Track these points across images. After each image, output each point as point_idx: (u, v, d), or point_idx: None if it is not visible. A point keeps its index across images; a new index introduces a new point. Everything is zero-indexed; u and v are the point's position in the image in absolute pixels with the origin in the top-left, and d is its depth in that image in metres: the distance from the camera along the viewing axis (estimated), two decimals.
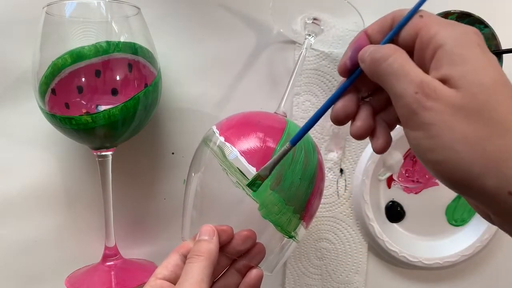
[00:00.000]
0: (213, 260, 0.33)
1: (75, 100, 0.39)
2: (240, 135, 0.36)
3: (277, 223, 0.35)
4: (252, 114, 0.39)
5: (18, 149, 0.48)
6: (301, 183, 0.36)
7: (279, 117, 0.40)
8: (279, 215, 0.35)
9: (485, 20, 0.42)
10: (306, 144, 0.38)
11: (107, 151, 0.43)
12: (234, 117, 0.39)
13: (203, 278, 0.31)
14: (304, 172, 0.36)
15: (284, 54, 0.50)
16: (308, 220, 0.38)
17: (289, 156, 0.35)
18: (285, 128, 0.37)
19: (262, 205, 0.34)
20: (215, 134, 0.37)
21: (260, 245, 0.36)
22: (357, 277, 0.50)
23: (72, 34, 0.39)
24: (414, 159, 0.50)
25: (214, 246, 0.33)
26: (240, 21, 0.50)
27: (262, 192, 0.34)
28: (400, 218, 0.51)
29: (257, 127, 0.37)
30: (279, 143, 0.36)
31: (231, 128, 0.38)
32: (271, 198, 0.34)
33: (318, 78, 0.50)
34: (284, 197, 0.35)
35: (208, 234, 0.34)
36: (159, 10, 0.49)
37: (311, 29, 0.45)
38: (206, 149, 0.38)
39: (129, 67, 0.40)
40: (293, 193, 0.35)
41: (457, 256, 0.49)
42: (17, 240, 0.48)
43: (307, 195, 0.37)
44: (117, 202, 0.46)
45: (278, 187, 0.34)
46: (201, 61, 0.49)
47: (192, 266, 0.32)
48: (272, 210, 0.35)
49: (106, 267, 0.45)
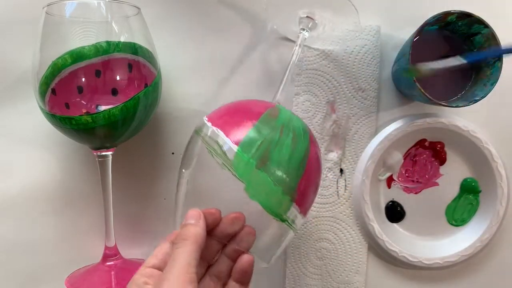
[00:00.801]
0: (200, 243, 0.32)
1: (75, 100, 0.39)
2: (224, 118, 0.37)
3: (266, 204, 0.34)
4: (241, 101, 0.40)
5: (18, 149, 0.48)
6: (289, 163, 0.35)
7: (268, 103, 0.39)
8: (267, 196, 0.34)
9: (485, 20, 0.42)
10: (296, 127, 0.37)
11: (107, 151, 0.43)
12: (223, 106, 0.39)
13: (190, 262, 0.31)
14: (292, 153, 0.35)
15: (284, 53, 0.50)
16: (302, 205, 0.37)
17: (275, 137, 0.35)
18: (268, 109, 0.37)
19: (248, 185, 0.34)
20: (205, 123, 0.37)
21: (248, 227, 0.36)
22: (357, 277, 0.50)
23: (72, 34, 0.39)
24: (414, 159, 0.50)
25: (200, 229, 0.33)
26: (240, 21, 0.50)
27: (248, 172, 0.34)
28: (400, 218, 0.51)
29: (242, 109, 0.37)
30: (259, 119, 0.35)
31: (219, 114, 0.38)
32: (257, 178, 0.34)
33: (318, 78, 0.50)
34: (271, 177, 0.34)
35: (194, 218, 0.33)
36: (159, 10, 0.49)
37: (305, 23, 0.45)
38: (197, 138, 0.38)
39: (129, 67, 0.40)
40: (281, 174, 0.35)
41: (457, 256, 0.49)
42: (17, 240, 0.48)
43: (298, 176, 0.36)
44: (117, 202, 0.46)
45: (265, 167, 0.34)
46: (201, 61, 0.49)
47: (178, 251, 0.31)
48: (259, 190, 0.34)
49: (106, 267, 0.45)
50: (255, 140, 0.34)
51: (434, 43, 0.46)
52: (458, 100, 0.45)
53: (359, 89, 0.50)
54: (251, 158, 0.34)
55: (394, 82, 0.50)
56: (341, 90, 0.50)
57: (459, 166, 0.50)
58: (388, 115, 0.50)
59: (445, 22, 0.44)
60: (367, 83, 0.49)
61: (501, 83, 0.42)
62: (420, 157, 0.50)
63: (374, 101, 0.50)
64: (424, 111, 0.50)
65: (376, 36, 0.49)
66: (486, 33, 0.43)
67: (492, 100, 0.43)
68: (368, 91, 0.50)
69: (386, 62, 0.50)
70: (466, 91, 0.46)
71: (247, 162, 0.34)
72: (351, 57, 0.49)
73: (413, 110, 0.50)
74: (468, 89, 0.46)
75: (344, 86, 0.50)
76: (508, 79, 0.45)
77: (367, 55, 0.49)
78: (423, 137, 0.49)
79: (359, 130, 0.50)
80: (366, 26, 0.49)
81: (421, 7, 0.49)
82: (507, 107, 0.50)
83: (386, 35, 0.50)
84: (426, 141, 0.50)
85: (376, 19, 0.50)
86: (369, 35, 0.49)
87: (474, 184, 0.50)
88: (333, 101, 0.50)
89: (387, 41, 0.50)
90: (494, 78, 0.43)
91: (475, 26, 0.43)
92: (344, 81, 0.50)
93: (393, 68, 0.50)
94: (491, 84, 0.43)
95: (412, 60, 0.42)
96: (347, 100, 0.50)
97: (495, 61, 0.43)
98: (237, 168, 0.34)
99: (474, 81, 0.46)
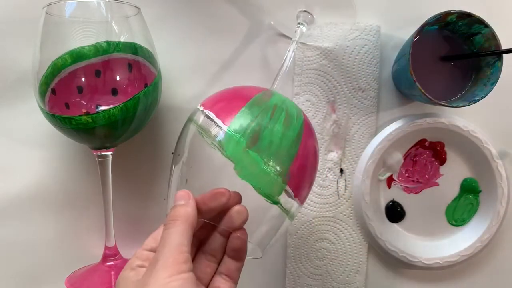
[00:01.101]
0: (191, 222, 0.32)
1: (75, 100, 0.39)
2: (216, 100, 0.36)
3: (256, 184, 0.33)
4: (235, 87, 0.39)
5: (18, 149, 0.48)
6: (281, 144, 0.34)
7: (261, 88, 0.39)
8: (257, 177, 0.33)
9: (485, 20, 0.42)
10: (289, 107, 0.36)
11: (107, 151, 0.43)
12: (217, 92, 0.39)
13: (182, 241, 0.30)
14: (284, 133, 0.35)
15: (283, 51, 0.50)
16: (297, 189, 0.36)
17: (266, 116, 0.34)
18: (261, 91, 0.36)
19: (237, 164, 0.33)
20: (197, 108, 0.37)
21: (239, 206, 0.34)
22: (357, 277, 0.50)
23: (72, 34, 0.39)
24: (414, 159, 0.50)
25: (190, 208, 0.32)
26: (240, 21, 0.50)
27: (237, 151, 0.33)
28: (400, 218, 0.51)
29: (234, 92, 0.37)
30: (249, 101, 0.35)
31: (211, 99, 0.38)
32: (247, 157, 0.33)
33: (318, 78, 0.50)
34: (262, 156, 0.33)
35: (184, 199, 0.33)
36: (159, 10, 0.49)
37: (303, 17, 0.45)
38: (189, 124, 0.37)
39: (129, 67, 0.40)
40: (272, 153, 0.34)
41: (457, 256, 0.49)
42: (17, 240, 0.48)
43: (290, 157, 0.35)
44: (117, 202, 0.46)
45: (255, 147, 0.33)
46: (201, 61, 0.49)
47: (169, 232, 0.31)
48: (250, 170, 0.33)
49: (106, 267, 0.45)
50: (246, 119, 0.34)
51: (434, 43, 0.46)
52: (458, 100, 0.45)
53: (359, 89, 0.50)
54: (241, 137, 0.33)
55: (394, 82, 0.50)
56: (341, 90, 0.50)
57: (459, 166, 0.50)
58: (388, 115, 0.50)
59: (445, 22, 0.44)
60: (367, 83, 0.49)
61: (501, 83, 0.42)
62: (420, 157, 0.50)
63: (374, 101, 0.50)
64: (424, 111, 0.50)
65: (376, 36, 0.49)
66: (486, 33, 0.43)
67: (492, 100, 0.43)
68: (368, 91, 0.50)
69: (386, 62, 0.50)
70: (466, 91, 0.46)
71: (237, 141, 0.33)
72: (351, 57, 0.49)
73: (413, 110, 0.50)
74: (468, 89, 0.46)
75: (344, 86, 0.50)
76: (508, 79, 0.45)
77: (367, 55, 0.49)
78: (423, 137, 0.49)
79: (359, 130, 0.50)
80: (366, 26, 0.49)
81: (421, 7, 0.49)
82: (507, 107, 0.50)
83: (386, 35, 0.50)
84: (426, 141, 0.50)
85: (376, 19, 0.50)
86: (369, 35, 0.49)
87: (474, 184, 0.50)
88: (333, 101, 0.50)
89: (387, 41, 0.50)
90: (494, 78, 0.43)
91: (475, 26, 0.43)
92: (344, 81, 0.50)
93: (393, 68, 0.50)
94: (491, 84, 0.43)
95: (412, 60, 0.42)
96: (347, 100, 0.50)
97: (495, 61, 0.43)
98: (226, 147, 0.33)
99: (474, 81, 0.46)
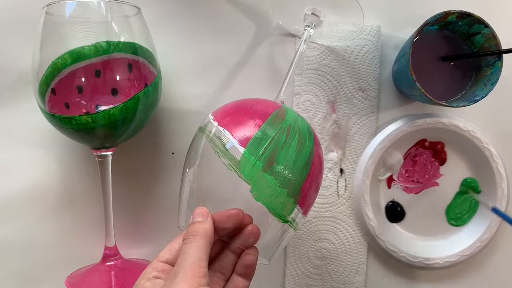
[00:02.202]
0: (209, 239, 0.33)
1: (75, 100, 0.39)
2: (230, 116, 0.37)
3: (270, 206, 0.35)
4: (246, 100, 0.39)
5: (18, 149, 0.48)
6: (294, 166, 0.35)
7: (274, 103, 0.39)
8: (271, 198, 0.35)
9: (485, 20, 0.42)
10: (301, 129, 0.37)
11: (107, 151, 0.43)
12: (229, 104, 0.39)
13: (202, 256, 0.31)
14: (298, 155, 0.36)
15: (284, 51, 0.50)
16: (305, 206, 0.37)
17: (281, 139, 0.35)
18: (275, 110, 0.37)
19: (254, 187, 0.34)
20: (210, 121, 0.37)
21: (253, 227, 0.36)
22: (357, 277, 0.50)
23: (72, 34, 0.39)
24: (414, 159, 0.50)
25: (209, 226, 0.33)
26: (239, 20, 0.50)
27: (254, 174, 0.34)
28: (400, 218, 0.51)
29: (248, 109, 0.37)
30: (266, 120, 0.36)
31: (224, 113, 0.38)
32: (263, 180, 0.34)
33: (318, 78, 0.50)
34: (276, 179, 0.34)
35: (202, 216, 0.34)
36: (159, 10, 0.49)
37: (310, 20, 0.45)
38: (201, 136, 0.38)
39: (129, 67, 0.40)
40: (286, 176, 0.35)
41: (457, 256, 0.49)
42: (17, 240, 0.48)
43: (302, 179, 0.36)
44: (117, 202, 0.46)
45: (270, 170, 0.34)
46: (201, 61, 0.49)
47: (189, 246, 0.32)
48: (264, 192, 0.34)
49: (106, 267, 0.45)
50: (262, 142, 0.35)
51: (434, 43, 0.46)
52: (458, 100, 0.45)
53: (359, 89, 0.50)
54: (257, 161, 0.34)
55: (394, 82, 0.50)
56: (342, 90, 0.50)
57: (459, 166, 0.50)
58: (388, 115, 0.50)
59: (445, 22, 0.44)
60: (367, 83, 0.49)
61: (501, 83, 0.42)
62: (420, 157, 0.50)
63: (374, 101, 0.50)
64: (424, 111, 0.50)
65: (376, 36, 0.49)
66: (486, 33, 0.43)
67: (492, 100, 0.43)
68: (368, 91, 0.50)
69: (386, 62, 0.50)
70: (466, 91, 0.46)
71: (253, 164, 0.34)
72: (351, 57, 0.49)
73: (413, 110, 0.50)
74: (468, 89, 0.46)
75: (344, 86, 0.50)
76: (508, 79, 0.45)
77: (367, 55, 0.49)
78: (423, 137, 0.49)
79: (359, 130, 0.50)
80: (367, 26, 0.49)
81: (421, 7, 0.49)
82: (507, 107, 0.50)
83: (386, 35, 0.50)
84: (426, 141, 0.50)
85: (376, 19, 0.50)
86: (369, 35, 0.49)
87: (474, 184, 0.50)
88: (333, 101, 0.50)
89: (387, 41, 0.50)
90: (494, 78, 0.43)
91: (475, 26, 0.43)
92: (344, 81, 0.50)
93: (393, 68, 0.50)
94: (491, 84, 0.43)
95: (412, 60, 0.42)
96: (348, 100, 0.50)
97: (495, 61, 0.43)
98: (243, 170, 0.34)
99: (474, 81, 0.46)
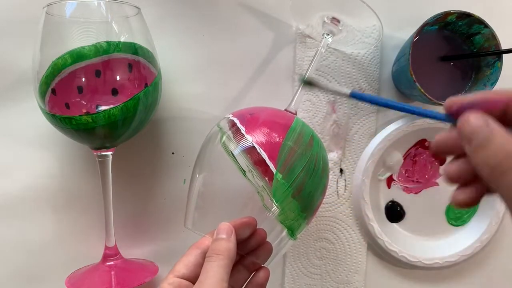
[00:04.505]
0: (232, 258, 0.33)
1: (75, 100, 0.39)
2: (259, 133, 0.37)
3: (290, 228, 0.37)
4: (267, 112, 0.40)
5: (18, 149, 0.48)
6: (316, 193, 0.37)
7: (289, 114, 0.40)
8: (293, 221, 0.36)
9: (485, 20, 0.42)
10: (324, 158, 0.39)
11: (107, 151, 0.43)
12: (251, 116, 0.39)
13: (224, 277, 0.32)
14: (320, 183, 0.38)
15: (283, 51, 0.50)
16: (311, 221, 0.39)
17: (311, 166, 0.37)
18: (291, 125, 0.38)
19: (282, 211, 0.35)
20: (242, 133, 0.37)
21: (268, 244, 0.37)
22: (357, 277, 0.50)
23: (72, 34, 0.39)
24: (414, 159, 0.50)
25: (232, 245, 0.34)
26: (239, 20, 0.50)
27: (284, 199, 0.35)
28: (400, 218, 0.51)
29: (274, 126, 0.37)
30: (300, 146, 0.37)
31: (256, 127, 0.37)
32: (290, 205, 0.36)
33: (318, 78, 0.50)
34: (301, 205, 0.36)
35: (226, 233, 0.34)
36: (159, 10, 0.49)
37: (329, 28, 0.45)
38: (219, 147, 0.38)
39: (129, 67, 0.40)
40: (309, 201, 0.37)
41: (457, 256, 0.49)
42: (17, 240, 0.48)
43: (319, 203, 0.39)
44: (117, 202, 0.46)
45: (298, 196, 0.36)
46: (201, 61, 0.49)
47: (212, 265, 0.32)
48: (289, 217, 0.36)
49: (106, 267, 0.45)
50: (295, 170, 0.36)
51: (434, 43, 0.46)
52: None
53: (360, 89, 0.50)
54: (289, 187, 0.35)
55: (394, 82, 0.50)
56: None
57: None
58: (388, 115, 0.50)
59: (445, 22, 0.44)
60: (367, 83, 0.49)
61: (501, 83, 0.42)
62: (420, 157, 0.50)
63: None
64: None
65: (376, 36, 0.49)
66: (486, 33, 0.43)
67: None
68: (368, 91, 0.50)
69: (386, 62, 0.50)
70: (466, 91, 0.46)
71: (285, 190, 0.35)
72: (351, 57, 0.49)
73: None
74: (468, 89, 0.46)
75: (344, 86, 0.50)
76: (508, 79, 0.45)
77: (367, 55, 0.49)
78: (423, 137, 0.49)
79: (359, 130, 0.50)
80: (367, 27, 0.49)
81: (421, 7, 0.49)
82: None
83: (386, 35, 0.50)
84: (426, 141, 0.50)
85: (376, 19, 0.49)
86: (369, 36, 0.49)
87: None
88: (333, 101, 0.50)
89: (387, 41, 0.50)
90: (494, 78, 0.43)
91: (475, 26, 0.43)
92: (344, 81, 0.50)
93: (393, 68, 0.50)
94: (491, 84, 0.43)
95: (412, 60, 0.42)
96: (348, 100, 0.50)
97: (495, 61, 0.43)
98: (274, 194, 0.35)
99: (474, 81, 0.46)
